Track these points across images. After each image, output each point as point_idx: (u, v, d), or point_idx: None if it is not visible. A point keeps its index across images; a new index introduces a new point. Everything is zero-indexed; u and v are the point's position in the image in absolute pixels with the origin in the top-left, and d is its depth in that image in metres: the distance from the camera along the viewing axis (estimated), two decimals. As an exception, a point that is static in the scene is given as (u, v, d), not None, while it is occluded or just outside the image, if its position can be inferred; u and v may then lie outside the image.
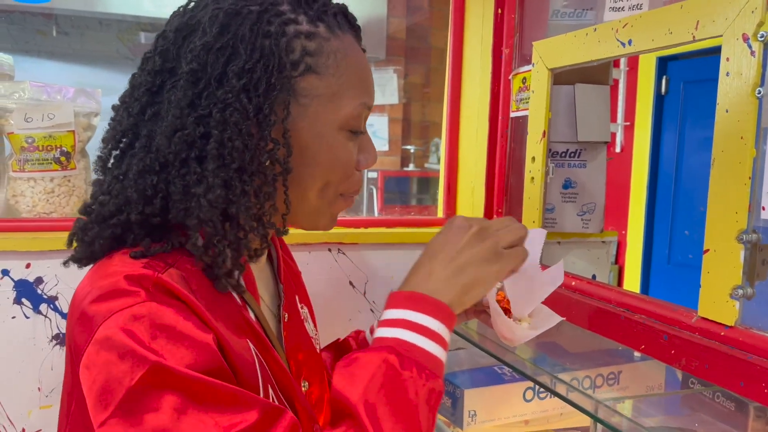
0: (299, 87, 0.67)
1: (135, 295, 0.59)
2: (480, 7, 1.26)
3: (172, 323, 0.58)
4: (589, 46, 0.96)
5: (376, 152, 0.77)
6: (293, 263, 0.97)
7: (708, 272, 0.75)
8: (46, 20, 3.15)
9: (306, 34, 0.68)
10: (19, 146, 1.06)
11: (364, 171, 0.79)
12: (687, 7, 0.78)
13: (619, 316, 0.87)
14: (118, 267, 0.62)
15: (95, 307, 0.60)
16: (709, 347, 0.73)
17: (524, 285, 0.81)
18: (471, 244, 0.70)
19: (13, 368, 1.03)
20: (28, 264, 1.02)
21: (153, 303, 0.59)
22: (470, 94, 1.31)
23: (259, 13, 0.66)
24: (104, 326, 0.58)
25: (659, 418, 0.92)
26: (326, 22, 0.70)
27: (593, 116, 1.21)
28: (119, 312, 0.58)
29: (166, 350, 0.57)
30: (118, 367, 0.56)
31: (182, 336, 0.58)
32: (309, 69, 0.67)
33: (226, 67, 0.64)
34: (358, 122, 0.72)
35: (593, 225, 1.27)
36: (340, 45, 0.70)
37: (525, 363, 0.96)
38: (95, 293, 0.60)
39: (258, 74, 0.64)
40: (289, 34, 0.67)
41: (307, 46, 0.68)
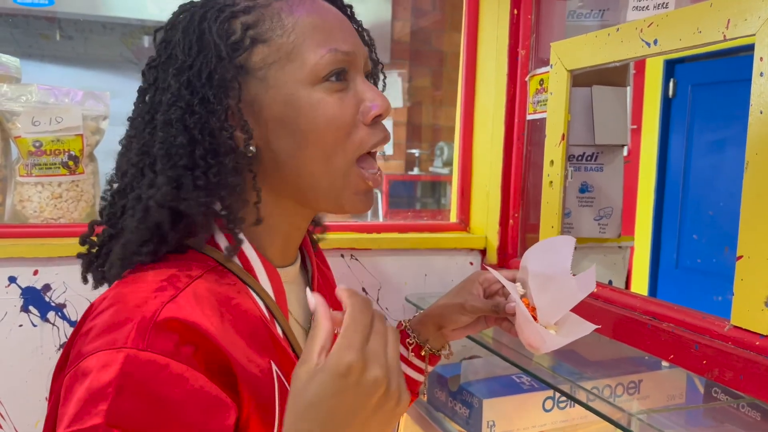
0: (251, 63, 0.65)
1: (126, 337, 0.56)
2: (495, 7, 1.24)
3: (146, 379, 0.55)
4: (611, 46, 0.93)
5: (383, 96, 0.68)
6: (330, 274, 0.93)
7: (741, 280, 0.72)
8: (50, 24, 3.14)
9: (243, 10, 0.66)
10: (27, 150, 1.04)
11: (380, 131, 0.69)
12: (717, 5, 0.76)
13: (646, 324, 0.85)
14: (137, 289, 0.61)
15: (94, 334, 0.58)
16: (744, 357, 0.71)
17: (554, 292, 0.78)
18: (359, 416, 0.53)
19: (20, 377, 1.01)
20: (36, 271, 1.00)
21: (134, 352, 0.55)
22: (485, 97, 1.29)
23: (194, 13, 0.66)
24: (87, 360, 0.56)
25: (684, 429, 0.90)
26: None
27: (611, 119, 1.19)
28: (103, 352, 0.56)
29: (122, 410, 0.54)
30: (72, 407, 0.55)
31: (156, 397, 0.55)
32: (254, 41, 0.65)
33: (169, 73, 0.64)
34: (331, 70, 0.65)
35: (610, 230, 1.25)
36: (284, 4, 0.66)
37: (547, 372, 0.93)
38: (102, 320, 0.59)
39: (197, 67, 0.63)
40: (224, 18, 0.65)
41: (246, 20, 0.65)
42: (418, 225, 1.30)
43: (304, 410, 0.52)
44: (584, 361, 1.08)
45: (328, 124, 0.65)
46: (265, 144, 0.67)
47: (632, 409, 0.77)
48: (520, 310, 0.77)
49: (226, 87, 0.64)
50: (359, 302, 0.55)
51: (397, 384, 0.54)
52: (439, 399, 1.13)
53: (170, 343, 0.57)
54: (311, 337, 0.52)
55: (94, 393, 0.54)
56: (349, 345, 0.51)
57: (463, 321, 0.89)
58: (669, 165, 3.12)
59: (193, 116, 0.63)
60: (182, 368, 0.56)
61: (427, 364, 0.95)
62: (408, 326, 0.95)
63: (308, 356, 0.53)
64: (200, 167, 0.63)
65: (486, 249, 1.29)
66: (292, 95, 0.65)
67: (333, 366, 0.51)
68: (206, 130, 0.63)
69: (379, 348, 0.53)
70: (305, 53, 0.65)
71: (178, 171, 0.63)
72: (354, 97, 0.67)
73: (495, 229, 1.25)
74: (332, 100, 0.65)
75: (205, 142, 0.63)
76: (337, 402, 0.52)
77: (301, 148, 0.65)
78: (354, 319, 0.51)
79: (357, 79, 0.68)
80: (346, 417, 0.52)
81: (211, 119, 0.63)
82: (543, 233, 1.10)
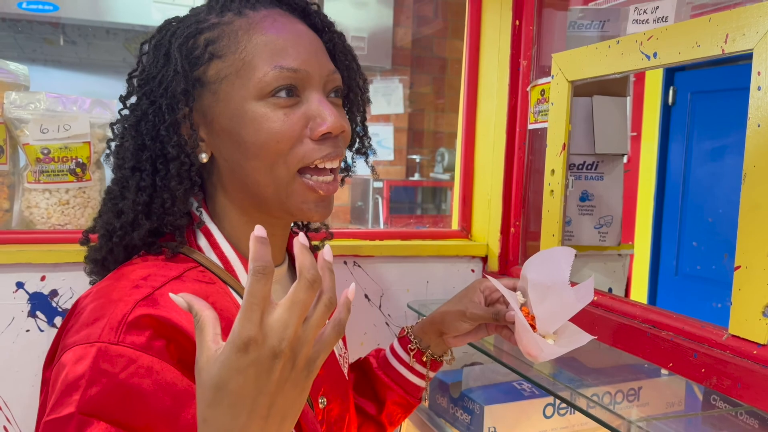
0: (207, 76, 0.70)
1: (100, 332, 0.61)
2: (497, 18, 1.25)
3: (116, 371, 0.59)
4: (611, 58, 0.95)
5: (332, 113, 0.70)
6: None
7: (739, 289, 0.74)
8: (54, 29, 3.15)
9: (209, 27, 0.71)
10: (35, 157, 1.05)
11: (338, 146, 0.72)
12: (716, 20, 0.77)
13: (646, 332, 0.86)
14: (116, 286, 0.65)
15: (76, 328, 0.63)
16: (742, 366, 0.72)
17: (552, 302, 0.79)
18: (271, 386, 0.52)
19: (27, 382, 1.02)
20: (43, 276, 1.01)
21: (106, 346, 0.60)
22: (486, 106, 1.30)
23: (169, 29, 0.72)
24: (67, 353, 0.61)
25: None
26: (233, 9, 0.71)
27: (611, 128, 1.21)
28: (80, 346, 0.60)
29: (93, 400, 0.58)
30: (52, 396, 0.60)
31: (126, 388, 0.59)
32: (212, 56, 0.69)
33: (137, 83, 0.72)
34: (276, 87, 0.68)
35: (610, 238, 1.26)
36: (245, 22, 0.70)
37: (547, 378, 0.94)
38: (84, 315, 0.64)
39: (158, 79, 0.69)
40: (191, 34, 0.70)
41: (209, 36, 0.70)
42: (420, 232, 1.32)
43: (212, 396, 0.51)
44: (584, 368, 1.10)
45: (269, 137, 0.68)
46: (219, 153, 0.72)
47: (631, 416, 0.78)
48: (519, 319, 0.78)
49: (178, 99, 0.69)
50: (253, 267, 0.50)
51: (306, 355, 0.52)
52: (441, 405, 1.14)
53: (142, 337, 0.60)
54: (199, 329, 0.52)
55: (69, 384, 0.58)
56: (247, 319, 0.49)
57: (464, 328, 0.90)
58: (669, 172, 3.13)
59: (147, 123, 0.69)
60: (153, 361, 0.60)
61: (429, 369, 0.96)
62: (410, 332, 0.97)
63: (203, 346, 0.51)
64: (147, 171, 0.70)
65: (487, 256, 1.30)
66: (239, 109, 0.68)
67: (232, 343, 0.50)
68: (157, 137, 0.69)
69: (286, 319, 0.50)
70: (253, 69, 0.68)
71: (125, 172, 0.70)
72: (303, 113, 0.70)
73: (496, 236, 1.27)
74: (276, 116, 0.68)
75: (155, 148, 0.70)
76: (243, 380, 0.50)
77: (246, 159, 0.69)
78: (251, 293, 0.49)
79: (312, 96, 0.70)
80: (253, 394, 0.51)
81: (161, 127, 0.69)
82: (544, 241, 1.11)
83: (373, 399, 0.98)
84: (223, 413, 0.51)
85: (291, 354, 0.51)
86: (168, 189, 0.70)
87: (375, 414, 0.97)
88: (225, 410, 0.51)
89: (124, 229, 0.71)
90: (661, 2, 0.89)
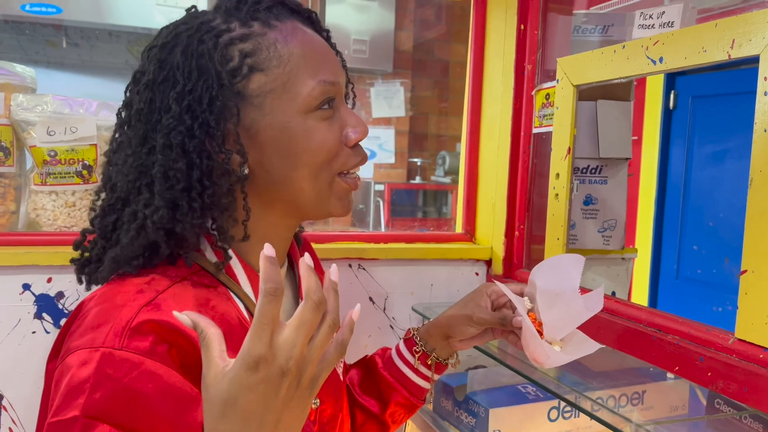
0: (249, 89, 0.69)
1: (105, 337, 0.61)
2: (502, 23, 1.26)
3: (119, 375, 0.60)
4: (617, 63, 0.95)
5: (362, 123, 0.75)
6: (322, 276, 0.96)
7: (746, 293, 0.74)
8: (56, 31, 3.16)
9: (240, 38, 0.69)
10: (42, 159, 1.05)
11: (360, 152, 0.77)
12: (722, 26, 0.78)
13: (651, 336, 0.86)
14: (120, 291, 0.66)
15: (80, 332, 0.64)
16: (748, 370, 0.72)
17: (561, 309, 0.80)
18: (270, 408, 0.53)
19: (32, 383, 1.02)
20: (50, 278, 1.01)
21: (110, 351, 0.61)
22: (491, 110, 1.31)
23: (190, 36, 0.69)
24: (72, 356, 0.62)
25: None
26: (260, 18, 0.71)
27: (615, 132, 1.21)
28: (85, 350, 0.62)
29: (98, 404, 0.59)
30: (57, 398, 0.60)
31: (129, 392, 0.60)
32: (252, 69, 0.69)
33: (169, 96, 0.67)
34: (322, 101, 0.71)
35: (614, 242, 1.26)
36: (279, 35, 0.70)
37: (552, 381, 0.95)
38: (88, 320, 0.64)
39: (198, 92, 0.67)
40: (223, 44, 0.69)
41: (244, 48, 0.69)
42: (424, 235, 1.32)
43: (221, 411, 0.52)
44: (589, 372, 1.10)
45: (319, 147, 0.71)
46: (259, 164, 0.72)
47: (635, 420, 0.78)
48: (526, 324, 0.78)
49: (226, 112, 0.68)
50: (265, 288, 0.52)
51: (310, 374, 0.54)
52: (445, 408, 1.15)
53: (146, 342, 0.62)
54: (204, 346, 0.53)
55: (73, 387, 0.60)
56: (257, 338, 0.51)
57: (470, 332, 0.90)
58: (669, 176, 3.14)
59: (193, 140, 0.67)
60: (156, 366, 0.61)
61: (433, 372, 0.96)
62: (416, 334, 0.97)
63: (210, 362, 0.53)
64: (196, 189, 0.68)
65: (491, 260, 1.30)
66: (288, 122, 0.70)
67: (242, 360, 0.52)
68: (204, 153, 0.68)
69: (293, 339, 0.52)
70: (299, 84, 0.70)
71: (175, 193, 0.67)
72: (339, 122, 0.74)
73: (501, 240, 1.27)
74: (322, 127, 0.71)
75: (203, 166, 0.68)
76: (252, 396, 0.52)
77: (294, 169, 0.71)
78: (261, 313, 0.51)
79: (341, 105, 0.75)
80: (262, 410, 0.53)
81: (210, 143, 0.68)
82: (548, 245, 1.11)
83: (377, 398, 0.98)
84: (233, 428, 0.52)
85: (297, 372, 0.53)
86: (219, 207, 0.69)
87: (378, 413, 0.98)
88: (235, 425, 0.52)
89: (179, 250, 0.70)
90: (667, 7, 0.89)
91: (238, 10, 0.72)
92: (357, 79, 3.98)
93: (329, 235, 1.23)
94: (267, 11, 0.72)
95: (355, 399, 0.98)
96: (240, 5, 0.72)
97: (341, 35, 3.70)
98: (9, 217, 1.08)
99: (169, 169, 0.67)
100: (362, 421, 0.98)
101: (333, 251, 1.19)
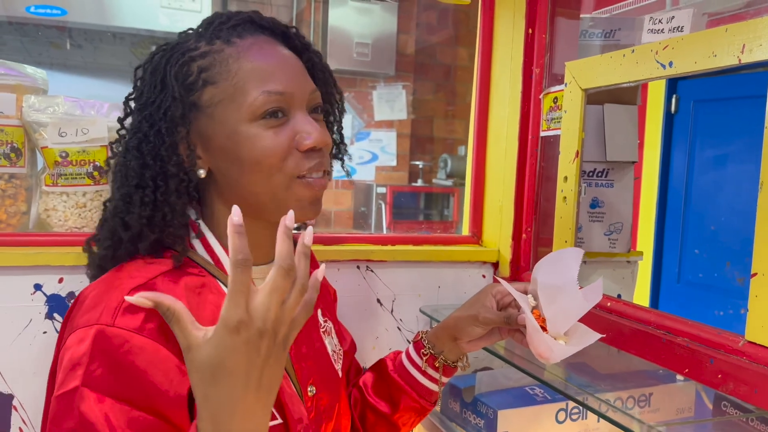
0: (202, 101, 0.77)
1: (100, 316, 0.68)
2: (510, 27, 1.27)
3: (114, 348, 0.67)
4: (626, 67, 0.96)
5: (317, 129, 0.78)
6: (324, 281, 0.97)
7: (756, 296, 0.75)
8: (60, 33, 3.17)
9: (200, 55, 0.77)
10: (53, 161, 1.06)
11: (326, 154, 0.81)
12: (732, 30, 0.79)
13: (661, 338, 0.87)
14: (115, 276, 0.74)
15: (79, 314, 0.71)
16: (759, 372, 0.73)
17: (562, 303, 0.81)
18: (254, 366, 0.61)
19: (42, 383, 1.02)
20: (61, 278, 1.02)
21: (104, 328, 0.67)
22: (499, 113, 1.31)
23: (162, 56, 0.78)
24: (71, 336, 0.69)
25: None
26: (222, 37, 0.78)
27: (621, 136, 1.22)
28: (82, 329, 0.69)
29: (95, 375, 0.66)
30: (60, 374, 0.68)
31: (123, 364, 0.66)
32: (205, 83, 0.76)
33: (135, 107, 0.79)
34: (266, 110, 0.76)
35: (620, 244, 1.27)
36: (234, 50, 0.77)
37: (561, 382, 0.95)
38: (86, 304, 0.72)
39: (157, 104, 0.76)
40: (185, 61, 0.77)
41: (202, 64, 0.77)
42: (431, 238, 1.33)
43: (210, 375, 0.60)
44: (596, 374, 1.10)
45: (262, 153, 0.76)
46: (216, 169, 0.79)
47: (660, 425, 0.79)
48: (530, 320, 0.79)
49: (176, 122, 0.76)
50: (235, 260, 0.59)
51: (283, 333, 0.62)
52: (453, 410, 1.15)
53: (136, 320, 0.68)
54: (175, 320, 0.62)
55: (74, 362, 0.67)
56: (235, 305, 0.59)
57: (477, 332, 0.91)
58: (671, 180, 3.15)
59: (148, 145, 0.76)
60: (145, 341, 0.67)
61: (441, 374, 0.97)
62: (424, 337, 0.97)
63: (186, 333, 0.62)
64: (149, 187, 0.76)
65: (498, 262, 1.31)
66: (234, 130, 0.76)
67: (224, 326, 0.59)
68: (158, 157, 0.76)
69: (267, 303, 0.60)
70: (244, 94, 0.76)
71: (130, 189, 0.77)
72: (290, 130, 0.78)
73: (508, 242, 1.28)
74: (266, 135, 0.76)
75: (156, 167, 0.76)
76: (237, 357, 0.60)
77: (244, 173, 0.77)
78: (235, 282, 0.59)
79: (297, 114, 0.79)
80: (246, 369, 0.60)
81: (161, 148, 0.76)
82: (556, 248, 1.12)
83: (388, 400, 0.99)
84: (222, 389, 0.60)
85: (273, 332, 0.61)
86: (168, 203, 0.77)
87: (389, 414, 0.98)
88: (225, 387, 0.60)
89: (132, 241, 0.78)
90: (677, 12, 0.90)
91: (207, 30, 0.80)
92: (359, 82, 3.99)
93: (337, 236, 1.24)
94: (231, 29, 0.79)
95: (367, 401, 0.99)
96: (209, 26, 0.80)
97: (344, 38, 3.72)
98: (20, 218, 1.08)
99: (127, 168, 0.77)
100: (373, 421, 1.00)
101: (341, 253, 1.19)
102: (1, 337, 1.00)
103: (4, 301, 1.00)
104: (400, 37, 3.98)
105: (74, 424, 0.65)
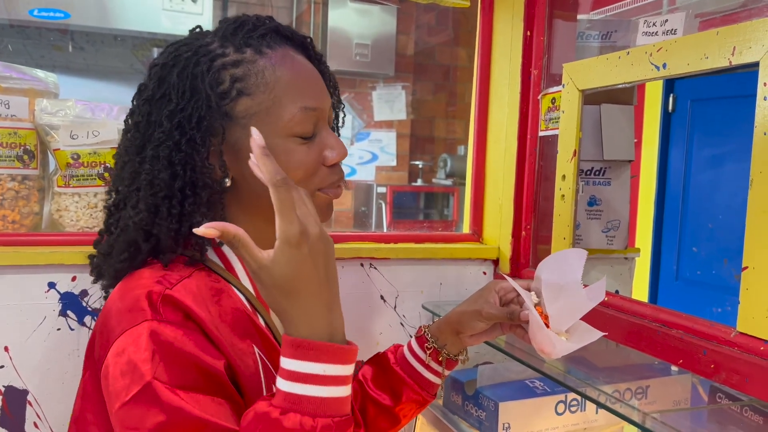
0: (236, 111, 0.76)
1: (144, 313, 0.69)
2: (509, 29, 1.30)
3: (170, 341, 0.68)
4: (621, 68, 0.99)
5: (341, 145, 0.81)
6: None
7: (747, 289, 0.78)
8: (62, 35, 3.19)
9: (232, 63, 0.76)
10: (65, 162, 1.09)
11: (341, 167, 0.84)
12: (723, 33, 0.82)
13: (656, 331, 0.90)
14: (139, 282, 0.73)
15: (114, 322, 0.71)
16: (750, 361, 0.76)
17: (565, 301, 0.83)
18: (320, 267, 0.67)
19: (57, 379, 1.05)
20: (74, 277, 1.05)
21: (155, 323, 0.69)
22: (498, 113, 1.34)
23: (188, 58, 0.76)
24: (117, 342, 0.69)
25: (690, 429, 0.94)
26: (252, 45, 0.78)
27: (618, 135, 1.25)
28: (129, 330, 0.69)
29: (160, 369, 0.66)
30: (119, 382, 0.67)
31: (180, 354, 0.68)
32: (240, 93, 0.76)
33: (163, 112, 0.75)
34: (304, 126, 0.77)
35: (618, 242, 1.30)
36: (268, 62, 0.77)
37: (562, 375, 0.98)
38: (116, 309, 0.72)
39: (189, 111, 0.74)
40: (216, 68, 0.75)
41: (235, 73, 0.76)
42: (432, 236, 1.36)
43: (290, 289, 0.65)
44: (595, 367, 1.13)
45: (296, 168, 0.77)
46: (243, 178, 0.79)
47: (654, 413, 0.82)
48: (533, 317, 0.82)
49: (212, 131, 0.75)
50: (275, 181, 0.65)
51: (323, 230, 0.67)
52: (455, 402, 1.18)
53: (178, 315, 0.70)
54: (242, 244, 0.65)
55: (136, 361, 0.67)
56: (289, 221, 0.64)
57: (479, 327, 0.93)
58: (669, 178, 3.17)
59: (179, 154, 0.74)
60: (188, 332, 0.70)
61: (444, 368, 0.99)
62: (427, 331, 1.00)
63: (253, 254, 0.65)
64: (177, 198, 0.75)
65: (499, 259, 1.34)
66: (269, 143, 0.74)
67: (286, 242, 0.64)
68: (189, 166, 0.75)
69: (305, 211, 0.66)
70: (280, 109, 0.76)
71: (157, 200, 0.75)
72: (318, 145, 0.80)
73: (508, 240, 1.31)
74: (300, 150, 0.78)
75: (186, 177, 0.75)
76: (307, 267, 0.65)
77: None
78: (281, 201, 0.64)
79: (323, 129, 0.81)
80: (317, 273, 0.66)
81: (194, 157, 0.75)
82: (555, 245, 1.15)
83: (390, 392, 1.01)
84: (302, 297, 0.66)
85: (321, 232, 0.67)
86: (199, 214, 0.76)
87: (391, 406, 1.01)
88: (303, 294, 0.66)
89: (151, 252, 0.77)
90: (670, 15, 0.93)
91: (235, 36, 0.78)
92: (359, 82, 4.02)
93: (341, 235, 1.26)
94: (260, 38, 0.78)
95: (368, 393, 1.02)
96: (237, 31, 0.78)
97: (343, 39, 3.74)
98: (33, 218, 1.11)
99: (154, 178, 0.74)
100: (374, 414, 1.02)
101: (344, 251, 1.22)
102: (17, 334, 1.03)
103: (19, 299, 1.03)
104: (399, 38, 4.00)
105: (163, 418, 0.65)
